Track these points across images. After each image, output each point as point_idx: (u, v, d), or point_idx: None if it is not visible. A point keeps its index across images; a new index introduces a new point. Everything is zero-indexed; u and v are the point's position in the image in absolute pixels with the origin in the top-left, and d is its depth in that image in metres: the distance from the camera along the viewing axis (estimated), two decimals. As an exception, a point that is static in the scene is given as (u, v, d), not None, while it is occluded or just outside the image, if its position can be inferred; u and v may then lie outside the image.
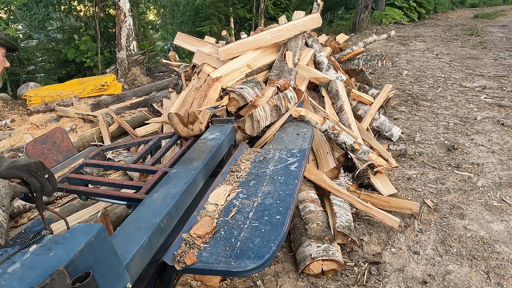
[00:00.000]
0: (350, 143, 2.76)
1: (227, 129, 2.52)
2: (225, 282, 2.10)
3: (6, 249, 1.12)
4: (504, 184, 2.84)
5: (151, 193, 1.84)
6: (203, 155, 2.18)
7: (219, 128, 2.57)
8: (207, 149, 2.26)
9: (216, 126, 2.60)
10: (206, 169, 2.13)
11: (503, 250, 2.20)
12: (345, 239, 2.20)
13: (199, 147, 2.30)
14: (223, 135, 2.42)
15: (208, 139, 2.39)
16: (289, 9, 10.46)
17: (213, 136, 2.44)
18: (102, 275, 1.12)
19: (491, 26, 10.11)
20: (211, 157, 2.18)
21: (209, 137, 2.42)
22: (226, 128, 2.55)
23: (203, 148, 2.28)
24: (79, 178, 2.21)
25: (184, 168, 2.05)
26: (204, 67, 3.41)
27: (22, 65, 7.89)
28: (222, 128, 2.55)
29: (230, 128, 2.54)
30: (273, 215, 1.74)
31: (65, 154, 2.66)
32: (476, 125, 3.90)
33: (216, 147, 2.27)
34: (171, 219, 1.70)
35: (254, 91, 2.83)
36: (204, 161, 2.11)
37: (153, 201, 1.75)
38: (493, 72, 5.77)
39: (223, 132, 2.48)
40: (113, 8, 8.92)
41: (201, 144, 2.34)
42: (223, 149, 2.40)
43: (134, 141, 2.97)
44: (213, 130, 2.55)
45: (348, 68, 4.64)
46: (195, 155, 2.20)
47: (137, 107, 5.60)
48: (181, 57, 9.36)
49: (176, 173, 2.01)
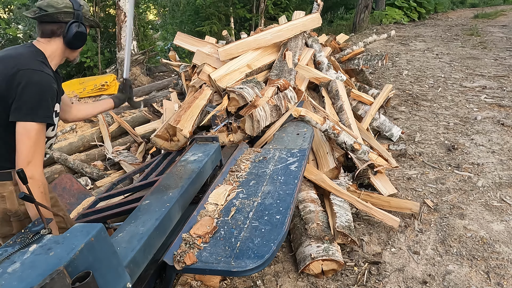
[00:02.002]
0: (350, 143, 2.76)
1: (211, 149, 2.26)
2: (225, 282, 2.10)
3: (6, 249, 1.12)
4: (504, 184, 2.84)
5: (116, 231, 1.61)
6: (180, 182, 1.92)
7: (202, 147, 2.31)
8: (186, 174, 1.99)
9: (199, 146, 2.35)
10: (184, 199, 1.88)
11: (503, 250, 2.20)
12: (345, 239, 2.20)
13: (177, 172, 2.04)
14: (206, 157, 2.16)
15: (188, 162, 2.14)
16: (289, 9, 10.46)
17: (194, 157, 2.18)
18: (102, 275, 1.12)
19: (491, 26, 10.11)
20: (190, 184, 1.92)
21: (190, 159, 2.16)
22: (210, 147, 2.29)
23: (182, 173, 2.02)
24: (91, 212, 2.19)
25: (157, 199, 1.79)
26: (204, 67, 3.41)
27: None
28: (206, 148, 2.29)
29: (214, 148, 2.27)
30: (273, 215, 1.74)
31: (77, 196, 2.81)
32: (476, 125, 3.90)
33: (196, 171, 2.01)
34: (137, 266, 1.44)
35: (254, 91, 2.82)
36: (182, 190, 1.85)
37: (117, 243, 1.48)
38: (493, 72, 5.76)
39: (207, 152, 2.22)
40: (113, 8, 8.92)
41: (180, 168, 2.08)
42: (205, 172, 2.13)
43: (136, 170, 2.86)
44: (196, 150, 2.29)
45: (348, 68, 4.64)
46: (172, 182, 1.93)
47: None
48: (181, 57, 9.35)
49: (147, 206, 1.74)
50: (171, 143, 2.56)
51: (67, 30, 1.57)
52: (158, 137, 2.55)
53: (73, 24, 1.58)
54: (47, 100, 1.46)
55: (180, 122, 2.47)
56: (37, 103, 1.42)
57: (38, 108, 1.42)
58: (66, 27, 1.57)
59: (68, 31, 1.57)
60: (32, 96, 1.41)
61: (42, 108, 1.43)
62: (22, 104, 1.40)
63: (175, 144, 2.54)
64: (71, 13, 1.58)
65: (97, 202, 2.35)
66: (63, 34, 1.58)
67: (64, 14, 1.56)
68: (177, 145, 2.55)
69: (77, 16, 1.59)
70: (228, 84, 3.08)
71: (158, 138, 2.55)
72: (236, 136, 2.68)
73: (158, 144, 2.57)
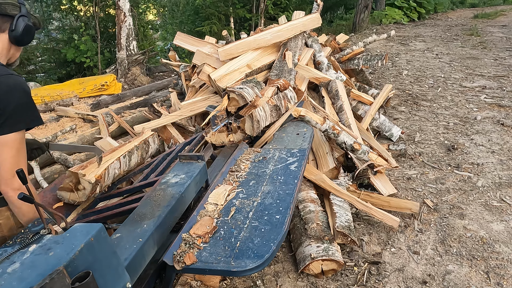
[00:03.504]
0: (350, 143, 2.76)
1: (195, 170, 2.00)
2: (225, 282, 2.10)
3: (6, 249, 1.12)
4: (504, 184, 2.84)
5: None
6: (158, 211, 1.68)
7: (185, 167, 2.04)
8: (165, 201, 1.76)
9: (182, 165, 2.08)
10: (161, 231, 1.64)
11: (503, 250, 2.20)
12: (345, 239, 2.20)
13: (156, 197, 1.80)
14: (189, 179, 1.91)
15: (169, 185, 1.89)
16: (289, 9, 10.46)
17: (176, 179, 1.93)
18: (102, 275, 1.11)
19: (491, 26, 10.11)
20: (169, 212, 1.69)
21: (171, 181, 1.92)
22: (194, 167, 2.03)
23: (161, 198, 1.78)
24: (91, 212, 2.17)
25: (129, 233, 1.57)
26: (204, 67, 3.42)
27: (22, 65, 7.89)
28: (190, 168, 2.02)
29: (199, 168, 2.02)
30: (273, 214, 1.75)
31: None
32: (476, 125, 3.90)
33: (176, 197, 1.77)
34: None
35: (254, 91, 2.82)
36: (158, 220, 1.62)
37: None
38: (493, 72, 5.76)
39: (190, 173, 1.96)
40: (113, 8, 8.92)
41: (159, 192, 1.84)
42: (187, 197, 1.90)
43: (135, 170, 2.70)
44: (178, 170, 2.03)
45: (348, 68, 4.64)
46: (148, 211, 1.70)
47: (137, 107, 5.59)
48: (181, 57, 9.36)
49: (117, 241, 1.51)
50: (78, 193, 2.14)
51: (15, 24, 1.40)
52: (62, 190, 2.16)
53: (21, 18, 1.41)
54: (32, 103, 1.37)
55: (87, 167, 2.14)
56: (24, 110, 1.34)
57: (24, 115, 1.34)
58: (14, 20, 1.40)
59: (16, 25, 1.40)
60: (18, 104, 1.32)
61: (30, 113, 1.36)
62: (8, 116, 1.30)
63: (83, 194, 2.13)
64: (18, 6, 1.42)
65: (97, 202, 2.35)
66: (9, 29, 1.41)
67: (11, 6, 1.41)
68: (85, 194, 2.13)
69: (23, 9, 1.43)
70: (228, 84, 3.09)
71: (63, 191, 2.16)
72: (236, 136, 2.68)
73: (65, 198, 2.16)
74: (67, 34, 9.24)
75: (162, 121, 3.55)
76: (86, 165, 2.16)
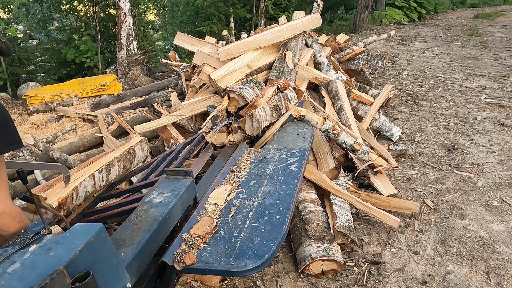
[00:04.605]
0: (350, 143, 2.76)
1: (182, 187, 1.84)
2: (225, 282, 2.10)
3: (6, 249, 1.12)
4: (504, 184, 2.83)
5: None
6: (138, 236, 1.52)
7: (172, 184, 1.87)
8: (147, 223, 1.59)
9: (168, 181, 1.91)
10: (140, 259, 1.47)
11: (503, 250, 2.19)
12: (345, 239, 2.20)
13: (137, 219, 1.63)
14: (175, 198, 1.75)
15: (152, 205, 1.72)
16: (289, 9, 10.46)
17: (160, 198, 1.77)
18: (102, 275, 1.12)
19: (491, 26, 10.11)
20: (150, 238, 1.53)
21: (155, 201, 1.76)
22: (181, 184, 1.86)
23: (142, 221, 1.62)
24: (91, 212, 2.16)
25: None
26: (204, 67, 3.42)
27: (22, 65, 7.89)
28: (176, 185, 1.86)
29: (186, 185, 1.85)
30: (273, 214, 1.74)
31: None
32: (476, 125, 3.90)
33: (159, 220, 1.61)
34: None
35: (254, 91, 2.82)
36: (137, 248, 1.45)
37: None
38: (493, 72, 5.76)
39: (176, 191, 1.80)
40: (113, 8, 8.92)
41: (141, 213, 1.67)
42: (173, 218, 1.73)
43: (135, 170, 2.67)
44: (164, 187, 1.86)
45: (348, 68, 4.64)
46: (127, 236, 1.54)
47: (137, 107, 5.60)
48: (181, 57, 9.36)
49: None
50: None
51: None
52: (26, 210, 2.03)
53: None
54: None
55: (52, 187, 1.90)
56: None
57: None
58: None
59: None
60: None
61: None
62: None
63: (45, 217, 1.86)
64: None
65: (97, 202, 2.35)
66: None
67: None
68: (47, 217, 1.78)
69: None
70: (228, 84, 3.09)
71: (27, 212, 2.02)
72: (236, 136, 2.68)
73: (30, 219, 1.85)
74: (67, 34, 9.24)
75: (162, 121, 3.55)
76: (52, 185, 1.92)
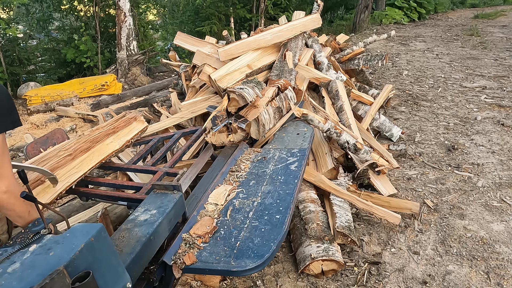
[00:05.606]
0: (352, 142, 2.75)
1: (170, 203, 1.70)
2: (225, 282, 2.10)
3: (6, 249, 1.12)
4: (504, 184, 2.83)
5: None
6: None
7: (159, 200, 1.73)
8: (129, 246, 1.44)
9: (155, 196, 1.77)
10: None
11: (503, 250, 2.19)
12: (345, 239, 2.20)
13: (118, 241, 1.49)
14: (161, 215, 1.61)
15: (136, 223, 1.58)
16: (289, 9, 10.46)
17: (146, 216, 1.62)
18: (102, 275, 1.11)
19: (491, 26, 10.11)
20: (132, 261, 1.39)
21: (140, 219, 1.61)
22: (168, 200, 1.72)
23: (124, 243, 1.47)
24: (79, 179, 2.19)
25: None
26: (204, 67, 3.42)
27: (22, 65, 7.89)
28: (164, 201, 1.71)
29: (174, 201, 1.72)
30: (273, 214, 1.74)
31: None
32: (476, 125, 3.90)
33: (143, 241, 1.46)
34: None
35: (255, 91, 2.82)
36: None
37: None
38: (493, 72, 5.76)
39: (163, 208, 1.66)
40: (113, 8, 8.92)
41: (124, 233, 1.53)
42: (158, 238, 1.58)
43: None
44: (150, 203, 1.72)
45: (348, 68, 4.64)
46: None
47: (137, 107, 5.60)
48: (181, 57, 9.36)
49: None
50: None
51: None
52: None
53: None
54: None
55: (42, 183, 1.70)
56: None
57: None
58: None
59: None
60: None
61: None
62: None
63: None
64: None
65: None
66: None
67: None
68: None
69: None
70: (229, 85, 3.09)
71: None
72: (236, 136, 2.68)
73: None
74: (67, 34, 9.25)
75: (163, 124, 3.54)
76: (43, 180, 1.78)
